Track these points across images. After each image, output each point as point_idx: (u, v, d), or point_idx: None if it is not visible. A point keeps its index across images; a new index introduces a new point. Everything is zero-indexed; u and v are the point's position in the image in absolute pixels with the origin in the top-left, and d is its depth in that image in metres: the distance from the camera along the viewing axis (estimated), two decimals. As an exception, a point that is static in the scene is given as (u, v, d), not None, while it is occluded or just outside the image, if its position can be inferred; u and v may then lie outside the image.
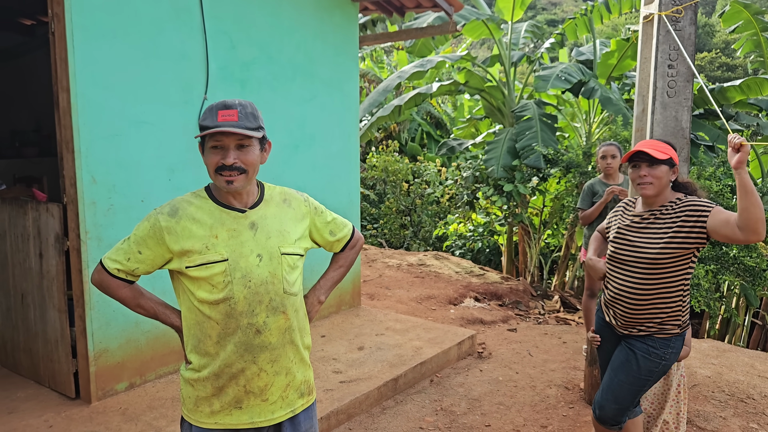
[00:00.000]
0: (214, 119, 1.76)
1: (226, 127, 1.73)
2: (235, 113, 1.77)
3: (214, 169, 1.79)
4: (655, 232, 2.69)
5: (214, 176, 1.81)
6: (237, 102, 1.80)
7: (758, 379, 4.69)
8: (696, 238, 2.58)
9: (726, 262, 6.06)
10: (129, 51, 3.70)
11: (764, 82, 8.11)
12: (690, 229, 2.58)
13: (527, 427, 3.74)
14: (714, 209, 2.54)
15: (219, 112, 1.76)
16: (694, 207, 2.61)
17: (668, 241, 2.62)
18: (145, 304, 1.93)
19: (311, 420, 2.02)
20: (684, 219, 2.61)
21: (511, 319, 6.43)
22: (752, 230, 2.37)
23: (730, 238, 2.46)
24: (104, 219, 3.64)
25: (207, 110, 1.80)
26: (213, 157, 1.78)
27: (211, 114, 1.77)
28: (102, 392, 3.72)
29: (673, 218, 2.65)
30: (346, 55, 5.43)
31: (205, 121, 1.78)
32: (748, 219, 2.36)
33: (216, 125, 1.75)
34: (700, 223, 2.56)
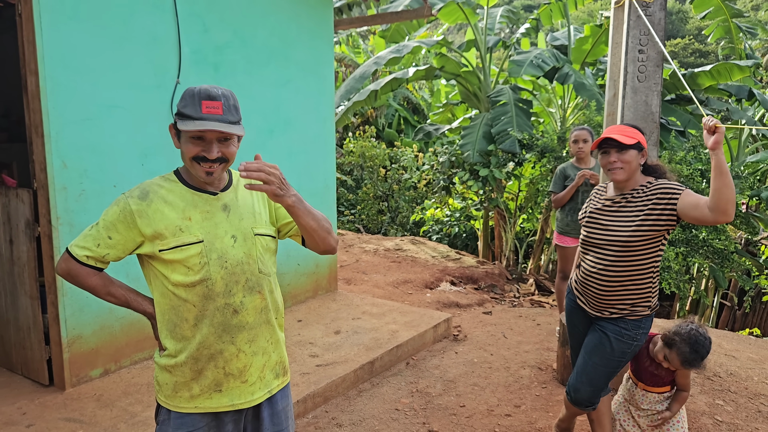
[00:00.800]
0: (197, 110, 1.72)
1: (213, 124, 1.71)
2: (219, 105, 1.74)
3: (191, 158, 1.76)
4: (626, 216, 2.74)
5: (190, 164, 1.78)
6: (220, 92, 1.75)
7: (725, 358, 4.83)
8: (666, 220, 2.63)
9: (695, 244, 6.20)
10: (99, 34, 3.64)
11: (734, 67, 8.25)
12: (661, 212, 2.64)
13: (501, 407, 3.81)
14: (684, 192, 2.60)
15: (203, 103, 1.72)
16: (664, 190, 2.66)
17: (639, 224, 2.68)
18: (116, 291, 1.91)
19: (287, 398, 2.05)
20: (655, 202, 2.66)
21: (487, 303, 6.51)
22: (722, 211, 2.41)
23: (700, 220, 2.51)
24: (76, 204, 3.60)
25: (188, 97, 1.75)
26: (192, 148, 1.75)
27: (193, 103, 1.73)
28: (76, 379, 3.70)
29: (644, 201, 2.70)
30: (321, 39, 5.40)
31: (186, 109, 1.73)
32: (719, 200, 2.40)
33: (201, 117, 1.71)
34: (670, 206, 2.61)
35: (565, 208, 4.93)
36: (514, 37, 10.07)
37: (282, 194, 1.73)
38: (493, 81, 9.88)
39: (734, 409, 3.89)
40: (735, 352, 5.03)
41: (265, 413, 1.95)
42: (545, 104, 10.61)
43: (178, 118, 1.76)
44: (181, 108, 1.75)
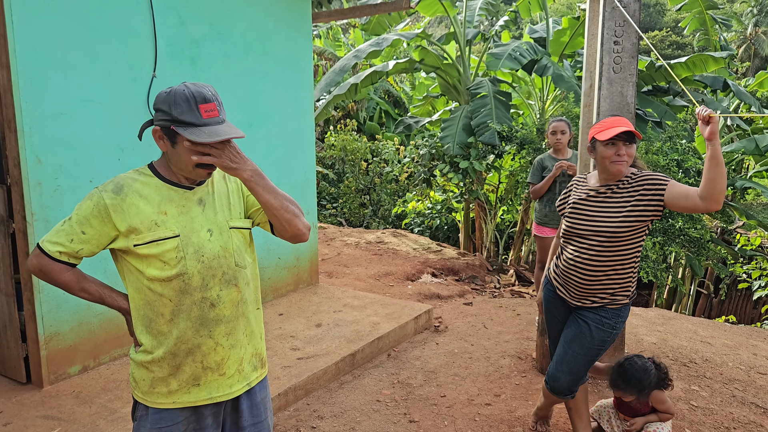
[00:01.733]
0: (198, 116, 1.70)
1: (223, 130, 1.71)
2: (215, 107, 1.73)
3: (195, 164, 1.75)
4: (613, 206, 2.76)
5: (191, 170, 1.77)
6: (211, 93, 1.74)
7: (700, 345, 4.92)
8: (653, 210, 2.66)
9: (672, 234, 6.30)
10: (72, 27, 3.59)
11: (709, 59, 8.36)
12: (648, 203, 2.67)
13: (481, 396, 3.85)
14: (670, 182, 2.63)
15: (201, 108, 1.70)
16: (651, 181, 2.68)
17: (626, 215, 2.70)
18: (90, 287, 1.88)
19: (265, 390, 2.05)
20: (642, 193, 2.68)
21: (468, 294, 6.55)
22: (715, 200, 2.45)
23: (689, 209, 2.55)
24: (51, 200, 3.56)
25: (182, 102, 1.71)
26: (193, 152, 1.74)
27: (190, 109, 1.70)
28: (54, 376, 3.66)
29: (630, 192, 2.72)
30: (300, 32, 5.37)
31: (184, 116, 1.70)
32: (714, 189, 2.43)
33: (204, 123, 1.70)
34: (657, 196, 2.64)
35: (543, 199, 4.98)
36: (493, 29, 10.10)
37: (235, 167, 1.73)
38: (473, 73, 9.91)
39: (709, 394, 3.97)
40: (711, 338, 5.12)
41: (244, 405, 1.96)
42: (525, 96, 10.67)
43: (178, 126, 1.71)
44: (177, 115, 1.70)
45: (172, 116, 1.71)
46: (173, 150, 1.77)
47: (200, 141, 1.68)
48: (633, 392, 3.02)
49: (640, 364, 3.03)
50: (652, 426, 3.09)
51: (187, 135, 1.69)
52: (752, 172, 11.16)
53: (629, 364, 3.05)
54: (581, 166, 4.00)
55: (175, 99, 1.71)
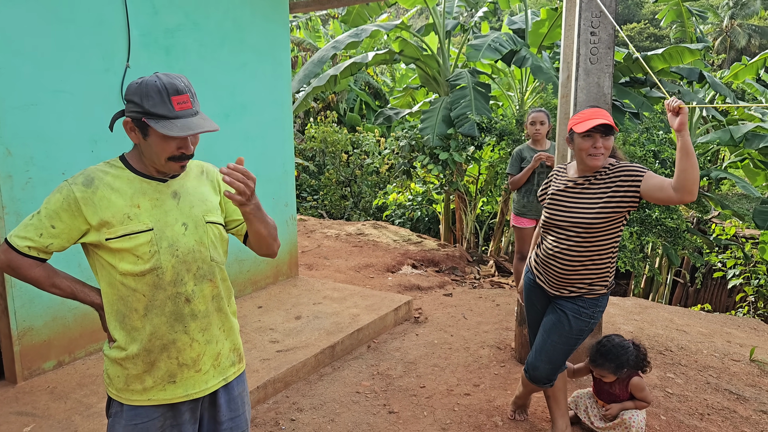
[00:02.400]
0: (170, 108, 1.66)
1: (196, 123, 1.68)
2: (188, 98, 1.69)
3: (167, 158, 1.73)
4: (590, 197, 2.77)
5: (163, 163, 1.74)
6: (183, 84, 1.70)
7: (676, 333, 4.99)
8: (629, 202, 2.68)
9: (649, 224, 6.37)
10: (42, 15, 3.51)
11: (685, 50, 8.44)
12: (624, 194, 2.68)
13: (460, 386, 3.86)
14: (646, 174, 2.64)
15: (173, 100, 1.67)
16: (627, 172, 2.70)
17: (603, 206, 2.71)
18: (61, 283, 1.83)
19: (243, 384, 2.03)
20: (618, 184, 2.70)
21: (448, 285, 6.57)
22: (688, 191, 2.46)
23: (664, 200, 2.56)
24: (22, 193, 3.49)
25: (154, 94, 1.67)
26: (167, 147, 1.71)
27: (162, 101, 1.66)
28: (28, 372, 3.61)
29: (607, 183, 2.73)
30: (276, 22, 5.31)
31: (156, 108, 1.66)
32: (686, 180, 2.44)
33: (177, 116, 1.67)
34: (633, 187, 2.65)
35: (522, 190, 5.00)
36: (473, 20, 10.10)
37: (245, 202, 1.73)
38: (453, 65, 9.90)
39: (684, 381, 4.03)
40: (686, 327, 5.20)
41: (222, 400, 1.94)
42: (504, 88, 10.70)
43: (149, 118, 1.67)
44: (149, 107, 1.67)
45: (143, 108, 1.68)
46: (145, 142, 1.74)
47: (173, 134, 1.65)
48: (611, 369, 3.07)
49: (618, 341, 3.10)
50: (628, 413, 3.13)
51: (159, 128, 1.66)
52: (727, 162, 11.33)
53: (607, 340, 3.12)
54: (559, 156, 4.02)
55: (146, 90, 1.67)
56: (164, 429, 1.84)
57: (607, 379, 3.16)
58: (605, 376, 3.14)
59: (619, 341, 3.11)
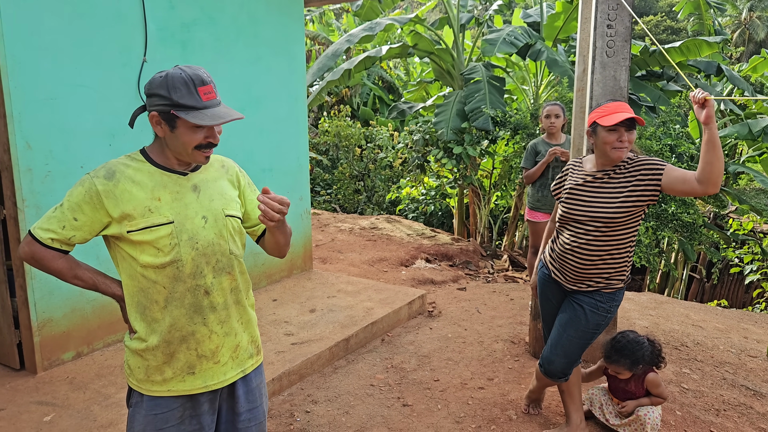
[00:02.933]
0: (197, 98, 1.70)
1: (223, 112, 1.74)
2: (212, 89, 1.74)
3: (193, 147, 1.76)
4: (610, 191, 2.75)
5: (190, 153, 1.77)
6: (206, 74, 1.74)
7: (692, 328, 4.96)
8: (650, 195, 2.66)
9: (665, 218, 6.31)
10: (61, 10, 3.55)
11: (702, 43, 8.34)
12: (645, 187, 2.66)
13: (474, 380, 3.87)
14: (667, 167, 2.62)
15: (200, 90, 1.71)
16: (648, 166, 2.68)
17: (623, 200, 2.70)
18: (83, 274, 1.86)
19: (261, 376, 2.06)
20: (639, 178, 2.68)
21: (461, 279, 6.57)
22: (713, 183, 2.45)
23: (686, 193, 2.56)
24: (42, 186, 3.54)
25: (180, 84, 1.70)
26: (195, 136, 1.74)
27: (190, 92, 1.70)
28: (48, 362, 3.66)
29: (627, 177, 2.72)
30: (291, 17, 5.32)
31: (184, 99, 1.69)
32: (711, 173, 2.43)
33: (204, 106, 1.71)
34: (654, 181, 2.63)
35: (536, 184, 4.98)
36: (487, 14, 10.04)
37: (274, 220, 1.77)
38: (467, 58, 9.86)
39: (700, 377, 4.01)
40: (702, 322, 5.16)
41: (240, 391, 1.96)
42: (519, 82, 10.64)
43: (178, 110, 1.70)
44: (177, 99, 1.69)
45: (171, 100, 1.70)
46: (172, 134, 1.76)
47: (204, 124, 1.70)
48: (626, 365, 3.05)
49: (633, 337, 3.09)
50: (643, 410, 3.12)
51: (190, 118, 1.69)
52: (745, 156, 11.19)
53: (622, 336, 3.11)
54: (574, 150, 4.00)
55: (173, 83, 1.70)
56: (183, 419, 1.87)
57: (622, 376, 3.15)
58: (620, 373, 3.13)
59: (633, 337, 3.09)
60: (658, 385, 3.13)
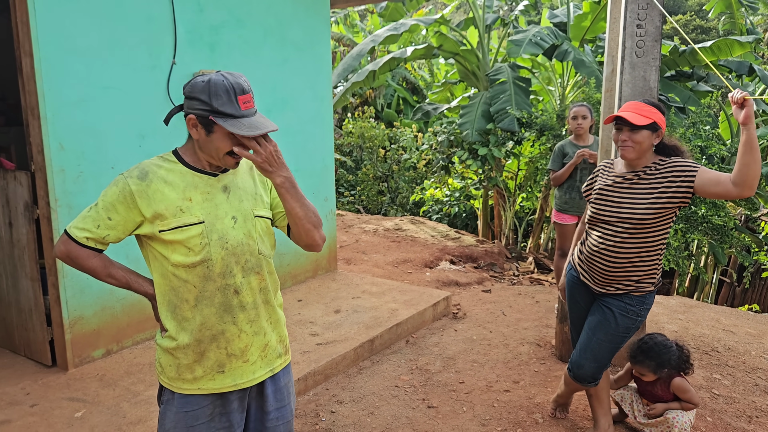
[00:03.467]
0: (237, 107, 1.72)
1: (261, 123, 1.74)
2: (250, 98, 1.75)
3: (225, 152, 1.78)
4: (640, 192, 2.71)
5: (221, 158, 1.79)
6: (246, 83, 1.76)
7: (723, 333, 4.86)
8: (681, 197, 2.61)
9: (695, 221, 6.20)
10: (93, 14, 3.62)
11: (734, 43, 8.18)
12: (676, 189, 2.61)
13: (500, 383, 3.85)
14: (700, 169, 2.57)
15: (239, 99, 1.72)
16: (680, 167, 2.63)
17: (654, 201, 2.65)
18: (116, 273, 1.89)
19: (289, 375, 2.07)
20: (670, 180, 2.63)
21: (486, 281, 6.53)
22: (749, 186, 2.40)
23: (720, 195, 2.51)
24: (74, 186, 3.60)
25: (222, 93, 1.72)
26: (229, 142, 1.76)
27: (230, 100, 1.72)
28: (78, 359, 3.73)
29: (658, 179, 2.67)
30: (317, 18, 5.35)
31: (225, 107, 1.71)
32: (747, 175, 2.38)
33: (243, 115, 1.72)
34: (687, 182, 2.59)
35: (564, 186, 4.93)
36: (513, 14, 9.98)
37: (271, 170, 1.76)
38: (492, 59, 9.81)
39: (731, 383, 3.93)
40: (733, 327, 5.06)
41: (269, 390, 1.98)
42: (545, 82, 10.54)
43: (217, 116, 1.72)
44: (217, 106, 1.71)
45: (211, 107, 1.72)
46: (207, 138, 1.78)
47: (244, 134, 1.70)
48: (651, 367, 3.02)
49: (661, 340, 3.06)
50: (672, 413, 3.07)
51: (228, 127, 1.71)
52: (778, 158, 10.93)
53: (650, 338, 3.09)
54: (602, 152, 3.95)
55: (215, 89, 1.72)
56: (213, 417, 1.89)
57: (646, 378, 3.10)
58: (645, 375, 3.08)
59: (662, 340, 3.05)
60: (686, 390, 3.07)
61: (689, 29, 32.35)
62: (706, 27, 31.88)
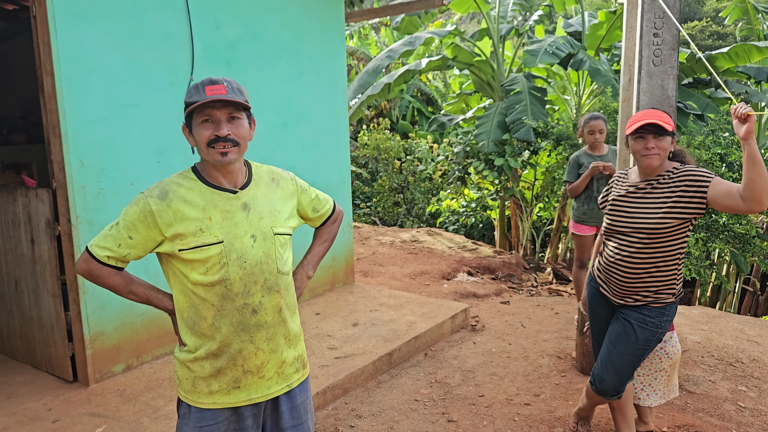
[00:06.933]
0: (202, 95, 1.75)
1: (217, 97, 1.74)
2: (222, 88, 1.76)
3: (206, 143, 1.78)
4: (653, 202, 2.68)
5: (206, 151, 1.79)
6: (222, 78, 1.80)
7: (747, 344, 4.77)
8: (695, 208, 2.57)
9: (716, 229, 6.11)
10: (112, 33, 3.67)
11: (752, 49, 8.10)
12: (690, 199, 2.58)
13: (520, 396, 3.80)
14: (714, 180, 2.53)
15: (206, 88, 1.75)
16: (693, 177, 2.59)
17: (667, 211, 2.62)
18: (137, 290, 1.91)
19: (306, 392, 2.06)
20: (683, 189, 2.60)
21: (504, 292, 6.49)
22: (757, 201, 2.36)
23: (731, 209, 2.46)
24: (94, 203, 3.65)
25: (192, 88, 1.79)
26: (204, 132, 1.77)
27: (197, 91, 1.76)
28: (99, 375, 3.75)
29: (671, 188, 2.64)
30: (333, 32, 5.39)
31: (192, 98, 1.76)
32: (753, 190, 2.34)
33: (206, 98, 1.74)
34: (700, 193, 2.55)
35: (581, 197, 4.89)
36: (527, 24, 9.98)
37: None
38: (507, 69, 9.81)
39: (757, 395, 3.85)
40: (758, 337, 4.96)
41: (284, 407, 1.97)
42: (560, 92, 10.51)
43: (186, 109, 1.78)
44: (187, 99, 1.78)
45: (185, 104, 1.79)
46: (193, 139, 1.83)
47: (192, 100, 1.75)
48: None
49: None
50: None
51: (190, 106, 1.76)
52: (799, 165, 10.74)
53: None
54: (620, 161, 3.92)
55: (189, 91, 1.80)
56: (228, 432, 1.89)
57: None
58: None
59: None
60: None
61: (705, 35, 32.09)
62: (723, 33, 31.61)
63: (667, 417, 3.50)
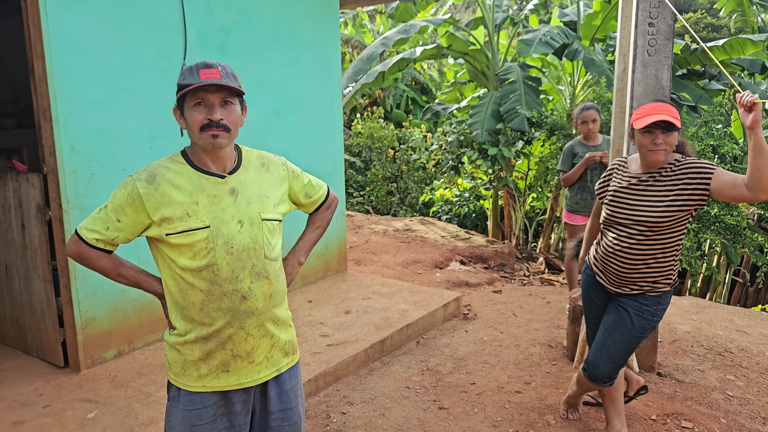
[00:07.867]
0: (196, 78, 1.73)
1: (212, 81, 1.72)
2: (217, 72, 1.75)
3: (198, 127, 1.76)
4: (655, 195, 2.67)
5: (198, 135, 1.78)
6: (216, 62, 1.78)
7: (736, 334, 4.81)
8: (698, 199, 2.57)
9: (707, 221, 6.15)
10: (104, 16, 3.63)
11: (746, 41, 8.11)
12: (692, 191, 2.57)
13: (511, 384, 3.83)
14: (716, 171, 2.53)
15: (201, 71, 1.74)
16: (696, 169, 2.59)
17: (669, 204, 2.61)
18: (126, 273, 1.91)
19: (296, 378, 2.05)
20: (686, 182, 2.59)
21: (497, 281, 6.51)
22: (764, 190, 2.35)
23: (736, 199, 2.46)
24: (86, 188, 3.62)
25: (186, 70, 1.76)
26: (197, 115, 1.76)
27: (191, 73, 1.74)
28: (91, 360, 3.75)
29: (674, 180, 2.63)
30: (327, 19, 5.35)
31: (185, 80, 1.75)
32: (760, 179, 2.33)
33: (200, 82, 1.72)
34: (703, 184, 2.54)
35: (575, 187, 4.90)
36: (522, 13, 9.94)
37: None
38: (502, 59, 9.78)
39: (745, 384, 3.89)
40: (747, 328, 5.01)
41: (272, 391, 1.97)
42: (554, 81, 10.50)
43: (179, 91, 1.76)
44: (180, 81, 1.76)
45: (178, 86, 1.78)
46: (185, 122, 1.82)
47: (186, 83, 1.74)
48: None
49: None
50: None
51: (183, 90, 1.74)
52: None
53: None
54: (613, 152, 3.93)
55: (182, 73, 1.78)
56: (216, 417, 1.89)
57: None
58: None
59: None
60: None
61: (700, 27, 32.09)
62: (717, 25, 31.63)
63: (656, 405, 3.53)
